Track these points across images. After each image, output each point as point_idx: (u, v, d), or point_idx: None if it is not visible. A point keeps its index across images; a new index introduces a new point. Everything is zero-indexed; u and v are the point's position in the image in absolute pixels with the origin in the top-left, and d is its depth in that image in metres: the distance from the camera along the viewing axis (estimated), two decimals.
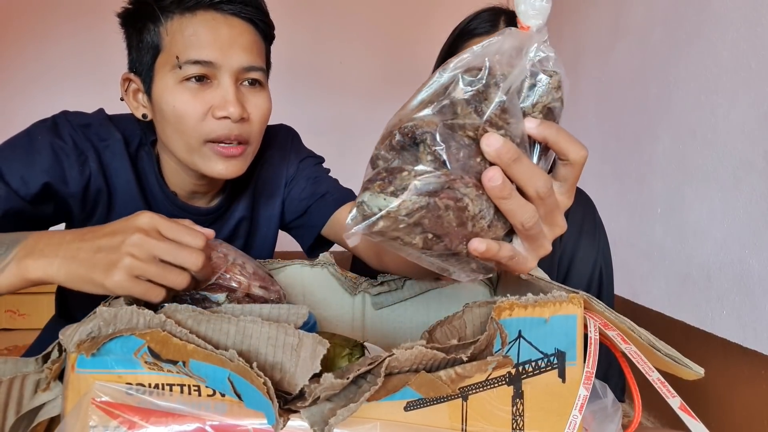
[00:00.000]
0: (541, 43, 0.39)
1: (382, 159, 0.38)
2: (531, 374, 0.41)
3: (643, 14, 1.83)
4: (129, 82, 0.75)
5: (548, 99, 0.39)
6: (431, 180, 0.35)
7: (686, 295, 1.53)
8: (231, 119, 0.69)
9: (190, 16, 0.69)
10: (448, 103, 0.37)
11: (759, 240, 1.28)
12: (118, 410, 0.39)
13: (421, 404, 0.39)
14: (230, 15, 0.70)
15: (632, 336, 0.42)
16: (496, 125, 0.37)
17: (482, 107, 0.37)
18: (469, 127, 0.37)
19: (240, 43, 0.70)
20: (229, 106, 0.69)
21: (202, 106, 0.69)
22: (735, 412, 1.34)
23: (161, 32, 0.69)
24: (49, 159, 0.70)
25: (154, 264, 0.47)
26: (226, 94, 0.69)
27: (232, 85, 0.70)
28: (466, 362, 0.37)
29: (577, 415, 0.40)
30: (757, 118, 1.29)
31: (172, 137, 0.72)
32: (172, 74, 0.69)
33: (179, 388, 0.39)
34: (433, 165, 0.36)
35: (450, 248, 0.38)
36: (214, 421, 0.39)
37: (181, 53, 0.68)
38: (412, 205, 0.34)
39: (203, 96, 0.69)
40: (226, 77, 0.70)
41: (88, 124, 0.75)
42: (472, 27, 0.96)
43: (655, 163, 1.70)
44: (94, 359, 0.40)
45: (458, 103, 0.37)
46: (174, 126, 0.70)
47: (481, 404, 0.40)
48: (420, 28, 2.90)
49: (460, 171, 0.36)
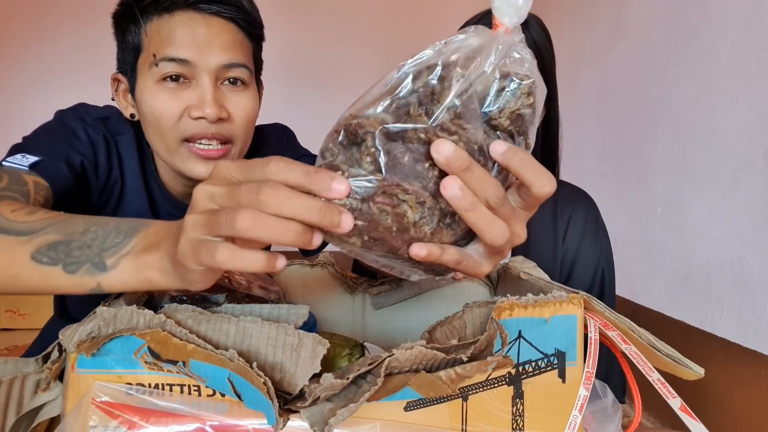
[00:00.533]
0: (515, 44, 0.36)
1: (329, 152, 0.36)
2: (531, 374, 0.41)
3: (643, 14, 1.83)
4: (118, 83, 0.76)
5: (517, 105, 0.36)
6: (362, 184, 0.34)
7: (686, 295, 1.53)
8: (207, 120, 0.69)
9: (168, 16, 0.69)
10: (403, 102, 0.35)
11: (759, 240, 1.28)
12: (118, 410, 0.39)
13: (421, 404, 0.39)
14: (209, 15, 0.70)
15: (632, 336, 0.42)
16: (449, 130, 0.35)
17: (432, 109, 0.35)
18: (421, 130, 0.34)
19: (219, 42, 0.69)
20: (206, 107, 0.68)
21: (179, 106, 0.69)
22: (735, 412, 1.34)
23: (141, 33, 0.70)
24: (85, 143, 0.72)
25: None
26: (203, 94, 0.69)
27: (211, 85, 0.69)
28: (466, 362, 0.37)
29: (577, 415, 0.40)
30: (757, 118, 1.29)
31: (154, 138, 0.73)
32: (150, 74, 0.69)
33: (179, 388, 0.39)
34: (371, 167, 0.34)
35: (391, 251, 0.36)
36: (214, 421, 0.39)
37: (157, 51, 0.68)
38: (341, 205, 0.33)
39: (181, 96, 0.69)
40: (204, 77, 0.69)
41: (107, 117, 0.77)
42: None
43: (655, 163, 1.70)
44: (94, 359, 0.40)
45: (411, 103, 0.35)
46: (153, 126, 0.71)
47: (481, 404, 0.40)
48: (420, 28, 2.90)
49: (401, 176, 0.34)
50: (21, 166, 0.63)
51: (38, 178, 0.63)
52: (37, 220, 0.44)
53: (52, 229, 0.43)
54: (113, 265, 0.39)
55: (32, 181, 0.62)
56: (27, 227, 0.44)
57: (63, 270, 0.40)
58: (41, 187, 0.62)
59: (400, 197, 0.34)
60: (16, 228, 0.44)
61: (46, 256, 0.41)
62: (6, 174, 0.60)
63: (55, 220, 0.44)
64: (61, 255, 0.41)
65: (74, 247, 0.41)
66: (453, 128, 0.35)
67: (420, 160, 0.35)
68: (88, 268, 0.40)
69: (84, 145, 0.72)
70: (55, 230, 0.42)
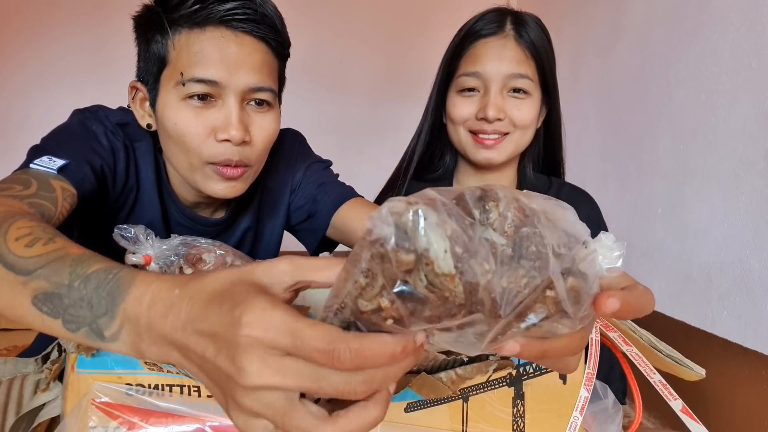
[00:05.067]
0: None
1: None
2: (532, 375, 0.41)
3: (644, 14, 1.83)
4: (136, 91, 0.74)
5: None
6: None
7: (687, 296, 1.53)
8: (232, 142, 0.68)
9: (198, 31, 0.67)
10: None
11: (759, 240, 1.27)
12: (117, 411, 0.39)
13: (421, 405, 0.39)
14: (241, 32, 0.67)
15: (633, 337, 0.42)
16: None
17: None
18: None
19: (249, 63, 0.68)
20: (231, 129, 0.67)
21: (205, 127, 0.68)
22: (735, 412, 1.34)
23: (168, 45, 0.68)
24: (107, 149, 0.71)
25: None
26: (229, 116, 0.67)
27: (237, 106, 0.68)
28: (467, 363, 0.37)
29: (578, 416, 0.40)
30: (758, 117, 1.29)
31: (176, 153, 0.71)
32: (175, 90, 0.68)
33: (179, 388, 0.39)
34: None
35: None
36: (213, 421, 0.39)
37: (185, 70, 0.67)
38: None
39: (206, 115, 0.68)
40: (231, 97, 0.68)
41: (127, 123, 0.76)
42: (478, 28, 0.95)
43: (656, 163, 1.70)
44: (94, 360, 0.40)
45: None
46: (177, 143, 0.70)
47: (481, 405, 0.40)
48: (421, 28, 2.90)
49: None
50: (49, 170, 0.62)
51: (66, 184, 0.62)
52: (31, 256, 0.41)
53: (42, 273, 0.40)
54: (112, 337, 0.36)
55: (60, 187, 0.61)
56: (23, 265, 0.41)
57: (63, 326, 0.38)
58: (68, 194, 0.62)
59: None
60: (14, 264, 0.41)
61: (45, 305, 0.39)
62: (34, 179, 0.59)
63: (45, 259, 0.41)
64: (59, 310, 0.38)
65: (68, 305, 0.38)
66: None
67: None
68: (87, 332, 0.37)
69: (105, 151, 0.71)
70: (45, 276, 0.40)
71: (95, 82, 2.59)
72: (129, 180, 0.75)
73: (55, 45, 2.67)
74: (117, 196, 0.74)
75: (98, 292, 0.37)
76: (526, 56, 0.93)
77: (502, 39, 0.94)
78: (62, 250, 0.41)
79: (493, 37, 0.94)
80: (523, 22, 0.94)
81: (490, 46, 0.94)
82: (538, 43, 0.94)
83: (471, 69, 0.94)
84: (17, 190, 0.56)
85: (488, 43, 0.94)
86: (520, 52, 0.93)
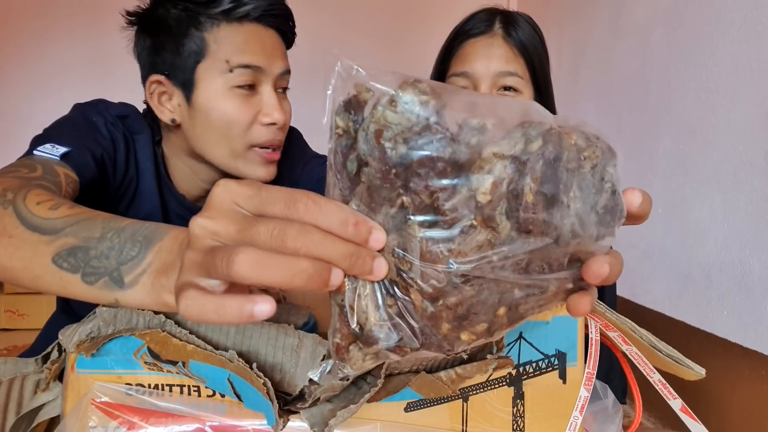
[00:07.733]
0: None
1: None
2: (532, 375, 0.41)
3: (644, 14, 1.83)
4: (158, 85, 0.75)
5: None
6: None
7: (687, 296, 1.53)
8: (276, 125, 0.74)
9: (237, 25, 0.72)
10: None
11: (760, 240, 1.27)
12: (117, 411, 0.39)
13: (421, 405, 0.39)
14: (269, 27, 0.75)
15: (633, 337, 0.42)
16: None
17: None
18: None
19: (280, 52, 0.76)
20: (275, 113, 0.74)
21: (250, 113, 0.73)
22: (735, 412, 1.34)
23: (207, 39, 0.72)
24: (107, 139, 0.73)
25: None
26: (271, 101, 0.74)
27: (273, 92, 0.75)
28: (466, 361, 0.37)
29: (578, 416, 0.40)
30: (758, 117, 1.29)
31: (215, 142, 0.74)
32: (221, 79, 0.72)
33: (179, 388, 0.39)
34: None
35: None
36: (213, 421, 0.39)
37: (231, 58, 0.71)
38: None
39: (251, 102, 0.73)
40: (268, 84, 0.74)
41: (126, 115, 0.77)
42: (468, 28, 0.95)
43: (656, 162, 1.70)
44: (94, 360, 0.40)
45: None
46: (221, 132, 0.73)
47: (481, 405, 0.40)
48: (418, 27, 2.90)
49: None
50: (52, 156, 0.63)
51: (68, 170, 0.63)
52: (58, 217, 0.43)
53: (71, 230, 0.41)
54: (131, 283, 0.37)
55: (63, 173, 0.62)
56: (49, 225, 0.42)
57: (81, 279, 0.39)
58: (71, 180, 0.62)
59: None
60: (39, 225, 0.43)
61: (66, 261, 0.40)
62: (39, 164, 0.60)
63: (74, 219, 0.42)
64: (81, 263, 0.39)
65: (92, 256, 0.39)
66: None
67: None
68: (106, 282, 0.38)
69: (106, 141, 0.72)
70: (74, 232, 0.41)
71: (95, 81, 2.59)
72: (129, 171, 0.76)
73: (54, 44, 2.67)
74: (117, 186, 0.75)
75: (134, 237, 0.38)
76: (514, 54, 0.93)
77: (489, 38, 0.93)
78: (91, 212, 0.43)
79: (481, 37, 0.94)
80: (513, 21, 0.94)
81: (478, 46, 0.93)
82: (527, 41, 0.94)
83: (460, 69, 0.94)
84: (23, 173, 0.57)
85: (477, 43, 0.94)
86: (508, 50, 0.93)
